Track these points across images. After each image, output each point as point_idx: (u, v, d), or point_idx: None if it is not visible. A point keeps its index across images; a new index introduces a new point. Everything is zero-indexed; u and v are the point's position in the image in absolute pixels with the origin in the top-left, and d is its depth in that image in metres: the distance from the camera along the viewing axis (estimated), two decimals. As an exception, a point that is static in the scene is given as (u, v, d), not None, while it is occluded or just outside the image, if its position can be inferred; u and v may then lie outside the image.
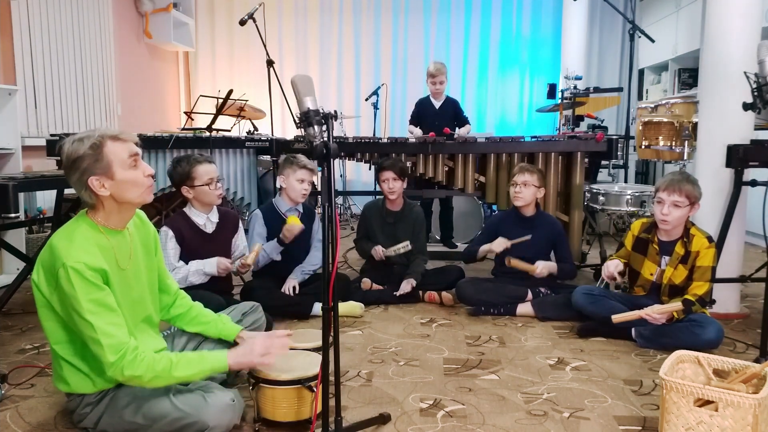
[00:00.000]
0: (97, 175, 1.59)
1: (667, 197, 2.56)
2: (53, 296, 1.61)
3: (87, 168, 1.59)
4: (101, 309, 1.57)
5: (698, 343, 2.39)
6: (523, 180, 3.12)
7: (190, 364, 1.65)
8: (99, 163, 1.59)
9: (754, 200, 2.89)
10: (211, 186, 2.64)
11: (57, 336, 1.67)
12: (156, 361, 1.61)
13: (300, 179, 3.05)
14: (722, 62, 2.87)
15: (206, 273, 2.64)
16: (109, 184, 1.61)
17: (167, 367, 1.61)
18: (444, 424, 1.91)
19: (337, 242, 1.62)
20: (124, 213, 1.71)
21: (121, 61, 5.74)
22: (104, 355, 1.56)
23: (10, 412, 1.98)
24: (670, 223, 2.58)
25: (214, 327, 1.99)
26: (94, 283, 1.56)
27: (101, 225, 1.67)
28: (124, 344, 1.58)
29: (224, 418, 1.66)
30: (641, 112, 3.71)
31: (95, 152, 1.59)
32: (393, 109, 6.83)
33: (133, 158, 1.65)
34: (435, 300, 3.26)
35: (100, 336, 1.55)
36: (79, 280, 1.54)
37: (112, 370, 1.57)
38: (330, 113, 1.67)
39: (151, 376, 1.59)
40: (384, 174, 3.35)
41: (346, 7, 6.97)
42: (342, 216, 6.22)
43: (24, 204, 4.04)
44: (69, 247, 1.57)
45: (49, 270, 1.59)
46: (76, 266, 1.54)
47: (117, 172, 1.61)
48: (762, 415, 1.60)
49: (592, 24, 6.78)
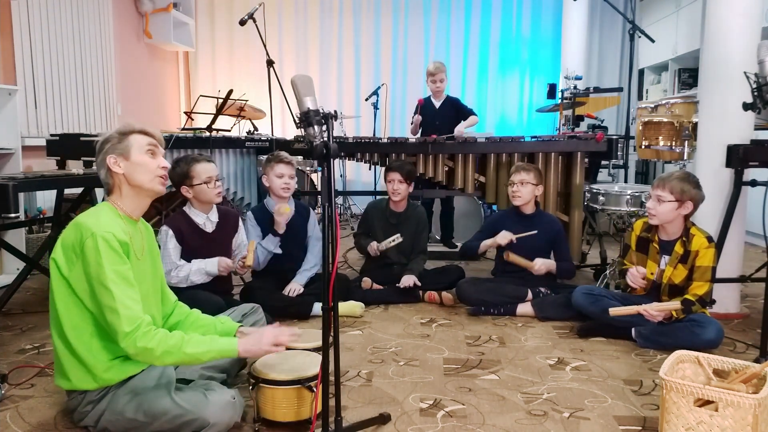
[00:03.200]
0: (115, 155, 1.74)
1: (653, 191, 2.60)
2: (73, 272, 1.66)
3: (110, 148, 1.74)
4: (122, 281, 1.64)
5: (698, 343, 2.39)
6: (520, 179, 3.12)
7: (201, 342, 1.68)
8: (120, 145, 1.75)
9: (754, 200, 2.89)
10: (209, 185, 2.64)
11: (69, 320, 1.69)
12: (168, 336, 1.65)
13: (279, 174, 3.05)
14: (722, 62, 2.87)
15: (208, 273, 2.64)
16: (123, 164, 1.74)
17: (179, 343, 1.64)
18: (444, 424, 1.91)
19: (337, 242, 1.62)
20: (139, 199, 1.79)
21: (121, 61, 5.74)
22: (120, 325, 1.60)
23: (10, 412, 1.98)
24: (656, 217, 2.59)
25: (212, 329, 2.00)
26: (119, 255, 1.65)
27: (121, 210, 1.77)
28: (140, 317, 1.63)
29: (225, 416, 1.66)
30: (641, 112, 3.71)
31: (120, 136, 1.76)
32: (393, 109, 6.83)
33: (151, 147, 1.79)
34: (435, 300, 3.26)
35: (119, 305, 1.61)
36: (107, 249, 1.62)
37: (126, 340, 1.61)
38: (330, 113, 1.67)
39: (162, 350, 1.62)
40: (390, 175, 3.35)
41: (346, 7, 6.97)
42: (342, 216, 6.22)
43: (24, 204, 4.03)
44: (98, 221, 1.67)
45: (72, 245, 1.66)
46: (106, 235, 1.63)
47: (133, 154, 1.75)
48: (762, 415, 1.60)
49: (592, 24, 6.77)
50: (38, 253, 3.14)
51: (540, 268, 3.05)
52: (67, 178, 2.71)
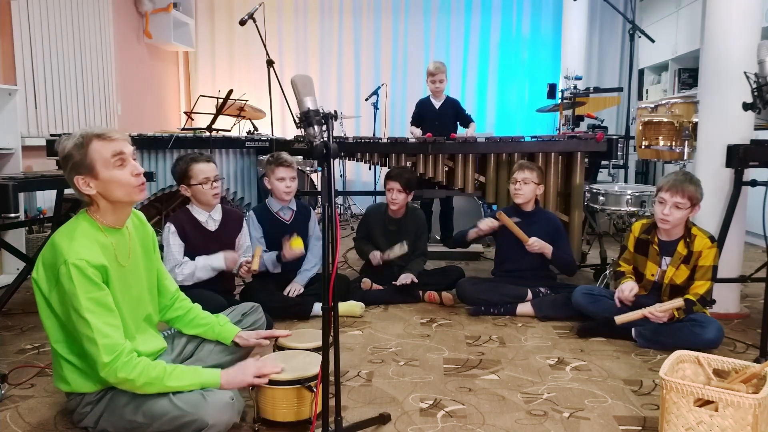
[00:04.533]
0: (82, 175, 1.62)
1: (669, 198, 2.55)
2: (52, 294, 1.62)
3: (73, 166, 1.62)
4: (99, 308, 1.59)
5: (698, 342, 2.39)
6: (522, 177, 3.12)
7: (183, 375, 1.67)
8: (83, 162, 1.61)
9: (754, 200, 2.89)
10: (205, 185, 2.65)
11: (56, 335, 1.68)
12: (151, 368, 1.63)
13: (280, 178, 3.04)
14: (722, 62, 2.87)
15: (214, 268, 2.64)
16: (94, 184, 1.63)
17: (161, 375, 1.63)
18: (444, 424, 1.91)
19: (337, 242, 1.62)
20: (119, 212, 1.72)
21: (121, 61, 5.74)
22: (99, 355, 1.57)
23: (10, 412, 1.98)
24: (670, 223, 2.58)
25: (211, 330, 2.00)
26: (94, 282, 1.58)
27: (100, 223, 1.69)
28: (120, 345, 1.60)
29: (223, 417, 1.66)
30: (641, 112, 3.71)
31: (80, 151, 1.61)
32: (393, 109, 6.83)
33: (119, 157, 1.64)
34: (435, 300, 3.26)
35: (96, 335, 1.56)
36: (80, 277, 1.55)
37: (106, 370, 1.58)
38: (330, 113, 1.67)
39: (143, 381, 1.61)
40: (390, 183, 3.35)
41: (346, 7, 6.97)
42: (342, 216, 6.22)
43: (24, 204, 4.03)
44: (71, 245, 1.58)
45: (50, 268, 1.61)
46: (78, 263, 1.55)
47: (101, 172, 1.62)
48: (762, 415, 1.60)
49: (592, 24, 6.77)
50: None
51: (534, 244, 3.03)
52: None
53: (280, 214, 3.13)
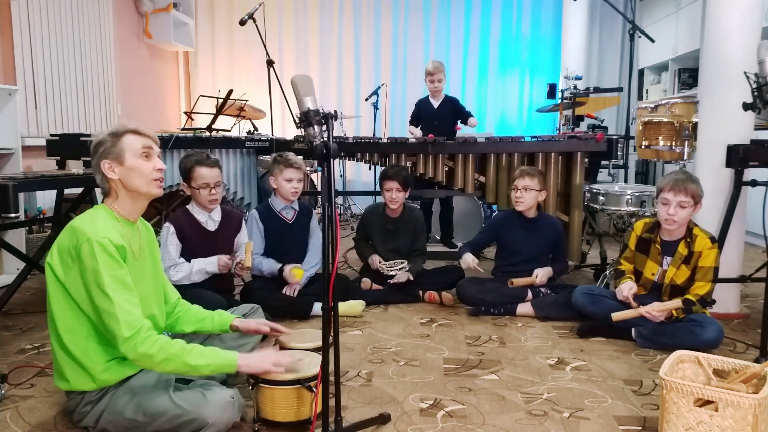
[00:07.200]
0: (110, 160, 1.72)
1: (673, 198, 2.55)
2: (69, 276, 1.65)
3: (103, 152, 1.72)
4: (120, 286, 1.63)
5: (698, 343, 2.39)
6: (524, 185, 3.11)
7: (203, 354, 1.68)
8: (114, 149, 1.72)
9: (754, 200, 2.89)
10: (203, 191, 2.65)
11: (64, 323, 1.69)
12: (170, 345, 1.64)
13: (288, 179, 3.04)
14: (722, 62, 2.87)
15: (208, 272, 2.65)
16: (118, 170, 1.73)
17: (180, 352, 1.64)
18: (444, 424, 1.91)
19: (337, 242, 1.62)
20: (135, 203, 1.79)
21: (121, 61, 5.74)
22: (119, 330, 1.60)
23: (10, 412, 1.98)
24: (677, 223, 2.57)
25: (210, 322, 2.01)
26: (116, 259, 1.64)
27: (117, 213, 1.76)
28: (140, 321, 1.63)
29: (224, 415, 1.66)
30: (641, 112, 3.70)
31: (113, 139, 1.73)
32: (393, 109, 6.83)
33: (146, 150, 1.75)
34: (435, 300, 3.26)
35: (118, 311, 1.60)
36: (104, 254, 1.61)
37: (126, 345, 1.60)
38: (330, 113, 1.67)
39: (162, 357, 1.62)
40: (387, 183, 3.34)
41: (346, 7, 6.97)
42: (342, 216, 6.22)
43: (24, 204, 4.03)
44: (93, 226, 1.66)
45: (68, 250, 1.65)
46: (102, 241, 1.62)
47: (127, 159, 1.72)
48: (762, 415, 1.60)
49: (592, 24, 6.77)
50: (38, 253, 3.14)
51: (542, 280, 3.07)
52: (67, 178, 2.71)
53: (283, 213, 3.13)
